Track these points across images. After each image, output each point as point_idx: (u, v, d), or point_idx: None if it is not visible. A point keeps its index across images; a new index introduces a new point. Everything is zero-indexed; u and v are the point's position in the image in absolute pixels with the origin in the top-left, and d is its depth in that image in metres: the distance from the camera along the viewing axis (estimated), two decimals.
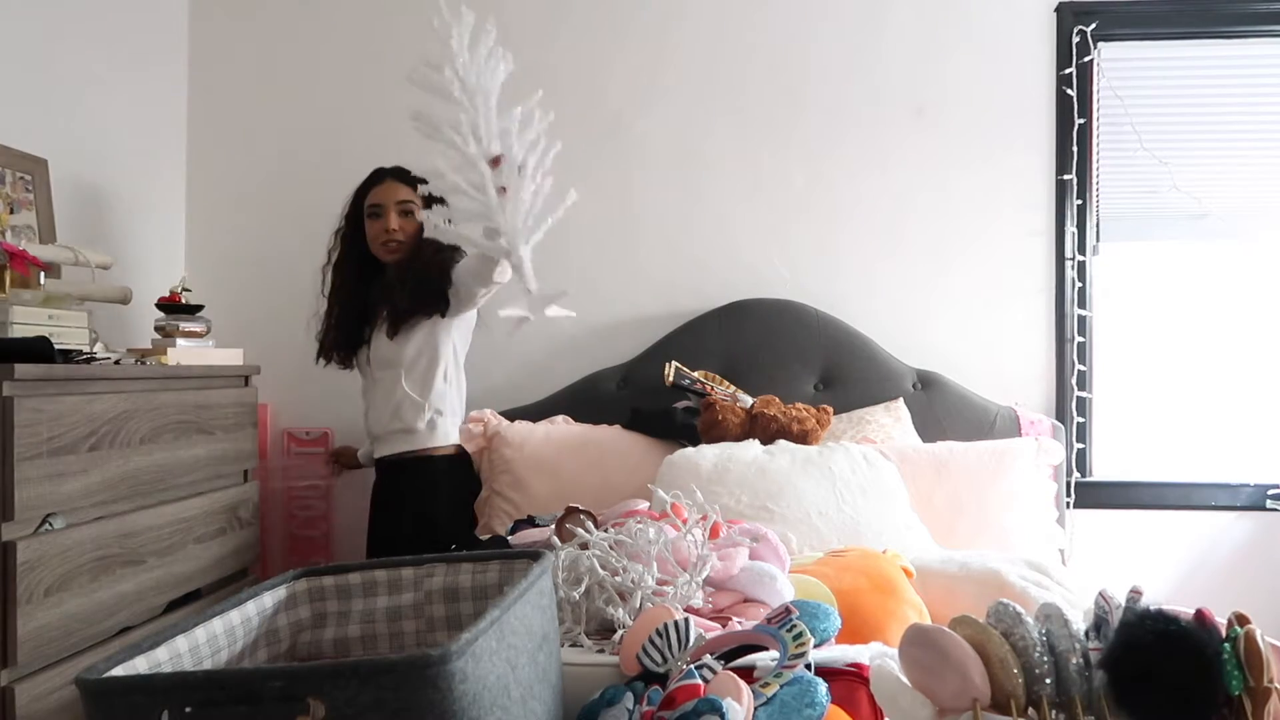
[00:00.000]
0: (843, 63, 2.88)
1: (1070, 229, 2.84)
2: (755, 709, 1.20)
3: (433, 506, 2.34)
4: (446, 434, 2.37)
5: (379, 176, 2.38)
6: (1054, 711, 1.12)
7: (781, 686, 1.24)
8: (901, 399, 2.73)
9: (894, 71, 2.87)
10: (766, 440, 2.46)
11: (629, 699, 1.34)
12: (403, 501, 2.36)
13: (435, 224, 1.75)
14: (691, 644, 1.39)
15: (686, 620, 1.42)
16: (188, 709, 1.00)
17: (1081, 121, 2.82)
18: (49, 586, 1.62)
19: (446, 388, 2.35)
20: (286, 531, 2.89)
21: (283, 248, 2.94)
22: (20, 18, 2.27)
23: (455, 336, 2.37)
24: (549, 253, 2.89)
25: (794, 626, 1.34)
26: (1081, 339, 2.85)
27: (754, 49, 2.90)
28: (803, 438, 2.49)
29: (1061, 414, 2.83)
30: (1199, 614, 1.12)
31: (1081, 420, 2.84)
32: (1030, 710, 1.12)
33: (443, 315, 2.30)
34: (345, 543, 2.88)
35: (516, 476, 2.52)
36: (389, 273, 2.34)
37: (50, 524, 1.66)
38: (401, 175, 2.37)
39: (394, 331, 2.30)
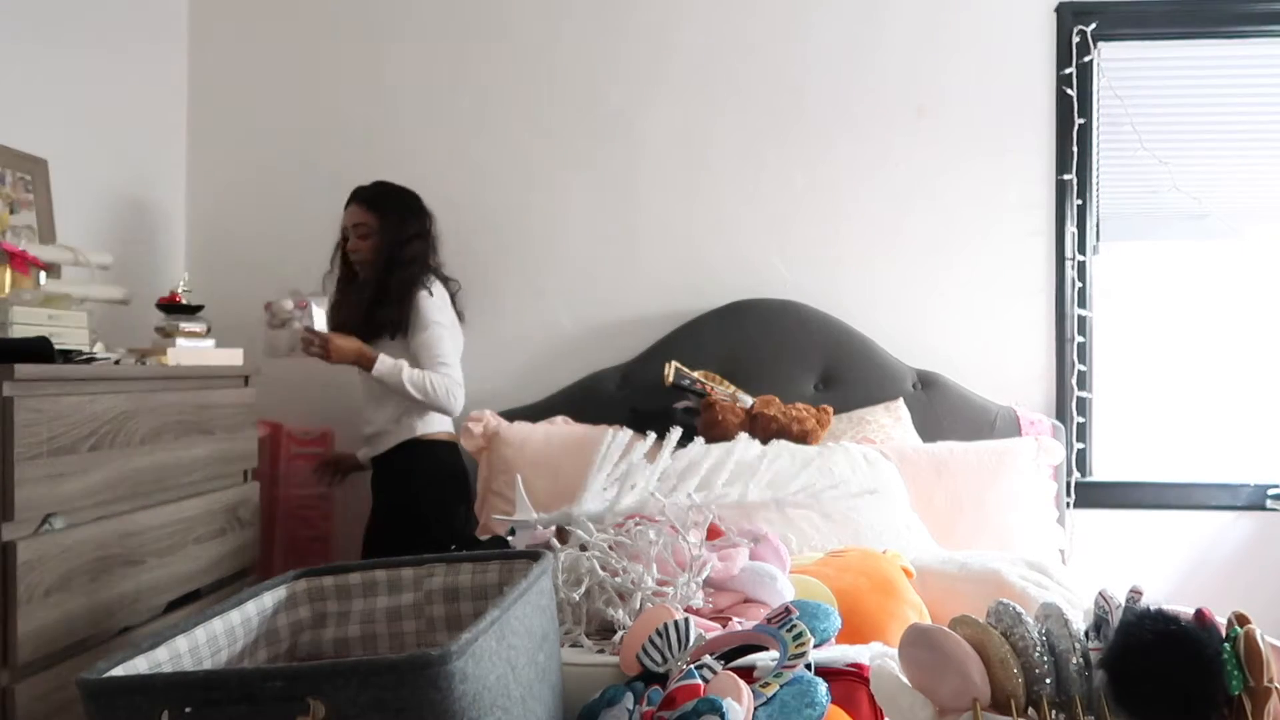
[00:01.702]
0: (843, 62, 2.88)
1: (1070, 229, 2.84)
2: (755, 709, 1.20)
3: (414, 488, 2.52)
4: (412, 427, 2.52)
5: (349, 198, 2.56)
6: (1054, 711, 1.12)
7: (781, 686, 1.24)
8: (901, 399, 2.73)
9: (894, 71, 2.87)
10: (766, 440, 2.46)
11: (629, 699, 1.34)
12: (388, 489, 2.55)
13: None
14: (691, 644, 1.39)
15: (686, 620, 1.42)
16: (188, 709, 1.00)
17: (1081, 121, 2.82)
18: (49, 586, 1.62)
19: (411, 374, 2.46)
20: (286, 532, 2.88)
21: (283, 248, 2.94)
22: (20, 18, 2.27)
23: (429, 329, 2.49)
24: (549, 252, 2.94)
25: (794, 626, 1.34)
26: (1081, 339, 2.85)
27: (754, 48, 2.90)
28: (803, 438, 2.49)
29: (1061, 414, 2.83)
30: (1199, 614, 1.12)
31: (1081, 420, 2.84)
32: (1030, 710, 1.12)
33: (391, 337, 2.48)
34: (345, 543, 2.87)
35: (516, 477, 2.52)
36: (353, 289, 2.57)
37: (50, 524, 1.66)
38: (363, 197, 2.53)
39: (365, 341, 2.47)
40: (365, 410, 2.58)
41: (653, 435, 2.17)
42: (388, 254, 2.50)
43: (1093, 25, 2.81)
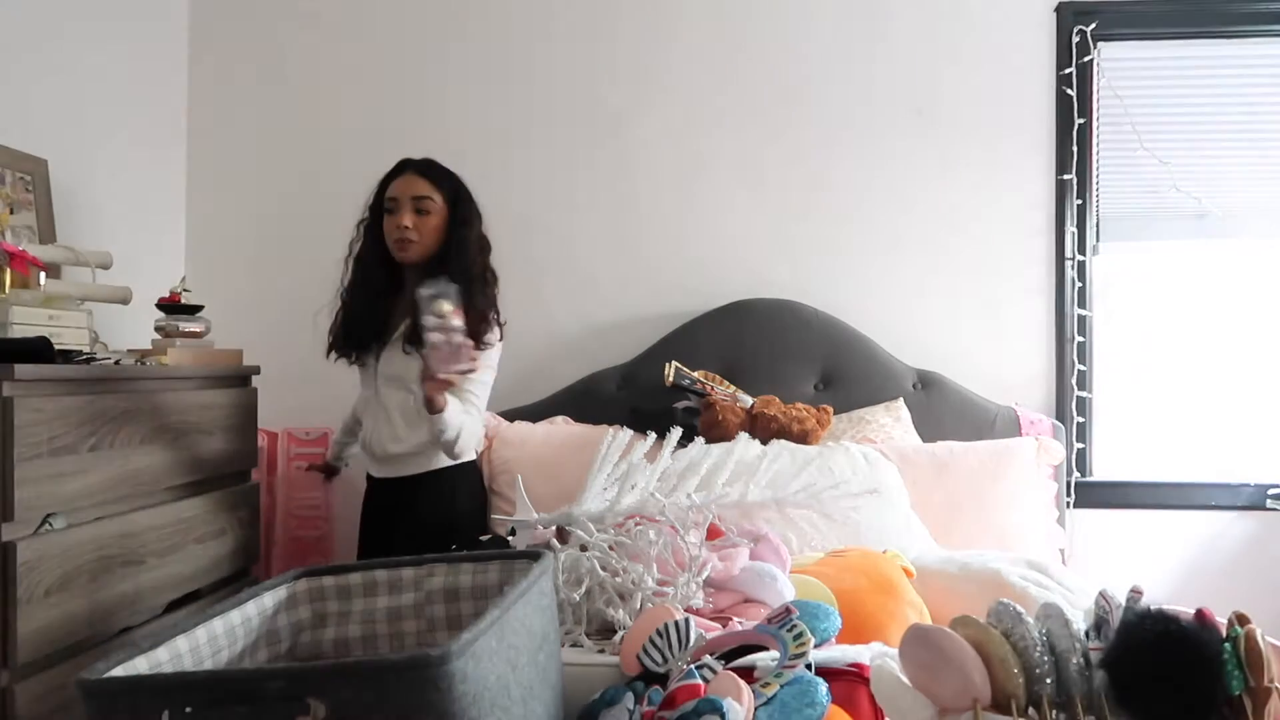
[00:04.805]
0: (843, 62, 2.88)
1: (1070, 229, 2.84)
2: (755, 709, 1.20)
3: (441, 520, 2.18)
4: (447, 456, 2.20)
5: (401, 168, 2.20)
6: (1054, 711, 1.12)
7: (782, 686, 1.24)
8: (901, 399, 2.73)
9: (894, 71, 2.87)
10: (766, 440, 2.46)
11: (629, 699, 1.34)
12: (406, 517, 2.20)
13: None
14: (692, 644, 1.39)
15: (687, 620, 1.42)
16: (188, 709, 1.00)
17: (1081, 121, 2.82)
18: (49, 586, 1.62)
19: (463, 418, 2.11)
20: (286, 532, 2.88)
21: (283, 248, 2.94)
22: (20, 18, 2.27)
23: (481, 371, 2.10)
24: (550, 253, 2.94)
25: (794, 626, 1.34)
26: (1081, 339, 2.85)
27: (754, 49, 2.90)
28: (803, 438, 2.49)
29: (1061, 414, 2.83)
30: (1199, 614, 1.12)
31: (1081, 420, 2.84)
32: (1030, 710, 1.12)
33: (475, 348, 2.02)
34: (345, 543, 2.87)
35: (516, 477, 2.52)
36: (411, 277, 2.16)
37: (50, 524, 1.66)
38: (424, 168, 2.19)
39: (412, 350, 2.09)
40: (393, 428, 2.18)
41: (653, 435, 2.17)
42: (450, 247, 2.13)
43: (1093, 25, 2.81)
